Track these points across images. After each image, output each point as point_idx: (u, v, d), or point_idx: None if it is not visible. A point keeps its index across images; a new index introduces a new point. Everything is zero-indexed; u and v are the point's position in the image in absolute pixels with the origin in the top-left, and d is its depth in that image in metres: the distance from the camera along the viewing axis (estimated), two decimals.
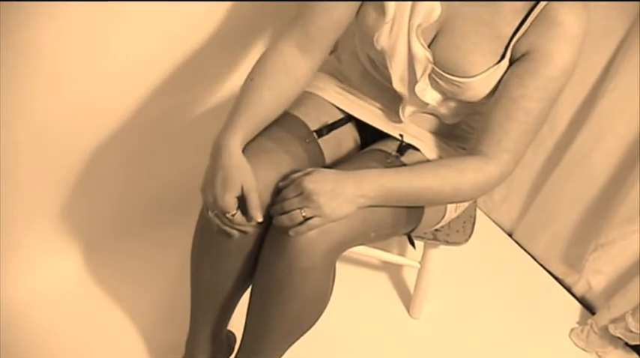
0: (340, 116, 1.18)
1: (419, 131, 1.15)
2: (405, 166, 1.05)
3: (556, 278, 1.69)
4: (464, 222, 1.29)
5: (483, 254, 1.68)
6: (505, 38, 0.98)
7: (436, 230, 1.25)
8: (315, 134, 1.13)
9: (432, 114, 1.13)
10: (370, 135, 1.18)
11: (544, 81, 0.95)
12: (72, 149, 1.32)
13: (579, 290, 1.64)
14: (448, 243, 1.26)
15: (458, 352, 1.47)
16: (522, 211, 1.75)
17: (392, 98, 1.11)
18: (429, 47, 1.02)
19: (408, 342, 1.48)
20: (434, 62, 1.02)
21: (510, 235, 1.80)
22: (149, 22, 1.20)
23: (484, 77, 1.00)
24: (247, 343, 1.10)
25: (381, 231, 1.04)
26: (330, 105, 1.17)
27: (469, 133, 1.17)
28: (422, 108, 1.10)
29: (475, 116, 1.14)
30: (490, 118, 1.00)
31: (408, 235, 1.19)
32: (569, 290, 1.66)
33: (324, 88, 1.18)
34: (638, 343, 1.44)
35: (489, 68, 0.99)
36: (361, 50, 1.13)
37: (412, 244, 1.22)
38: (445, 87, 1.04)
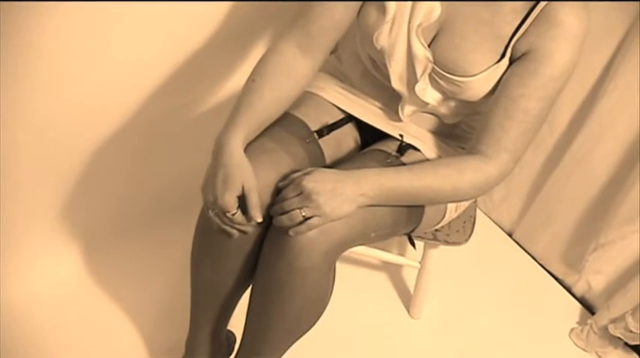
0: (341, 116, 1.18)
1: (419, 131, 1.15)
2: (405, 166, 1.05)
3: (556, 278, 1.69)
4: (464, 222, 1.29)
5: (483, 254, 1.68)
6: (505, 38, 0.98)
7: (436, 230, 1.25)
8: (315, 134, 1.13)
9: (432, 113, 1.13)
10: (370, 135, 1.18)
11: (544, 80, 0.96)
12: (72, 149, 1.32)
13: (579, 290, 1.64)
14: (448, 243, 1.26)
15: (458, 352, 1.47)
16: (522, 211, 1.75)
17: (392, 98, 1.11)
18: (429, 47, 1.02)
19: (408, 342, 1.48)
20: (434, 62, 1.02)
21: (510, 235, 1.80)
22: (149, 22, 1.20)
23: (484, 76, 1.00)
24: (247, 343, 1.10)
25: (381, 231, 1.04)
26: (331, 105, 1.17)
27: (469, 133, 1.17)
28: (422, 107, 1.10)
29: (475, 116, 1.14)
30: (490, 118, 1.00)
31: (409, 235, 1.19)
32: (569, 290, 1.66)
33: (325, 88, 1.18)
34: (638, 343, 1.44)
35: (489, 67, 1.00)
36: (362, 50, 1.13)
37: (412, 244, 1.22)
38: (445, 86, 1.04)
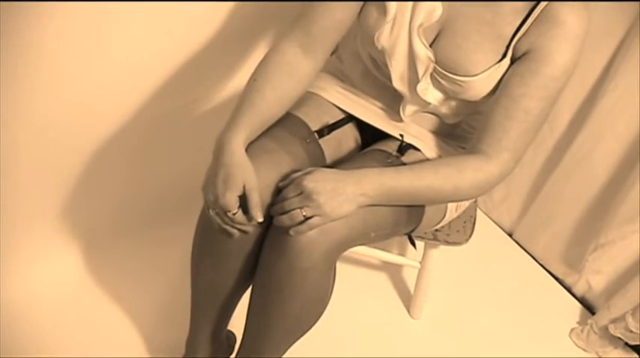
0: (341, 116, 1.18)
1: (419, 131, 1.15)
2: (406, 165, 1.05)
3: (556, 278, 1.69)
4: (464, 222, 1.29)
5: (483, 254, 1.68)
6: (506, 38, 0.98)
7: (436, 230, 1.25)
8: (316, 134, 1.13)
9: (433, 113, 1.13)
10: (371, 135, 1.18)
11: (545, 80, 0.96)
12: (72, 149, 1.32)
13: (579, 290, 1.64)
14: (448, 243, 1.26)
15: (458, 352, 1.47)
16: (522, 211, 1.75)
17: (393, 98, 1.11)
18: (431, 46, 1.02)
19: (408, 342, 1.47)
20: (435, 61, 1.02)
21: (510, 235, 1.80)
22: (150, 22, 1.20)
23: (485, 76, 1.00)
24: (247, 343, 1.10)
25: (382, 231, 1.04)
26: (331, 105, 1.17)
27: (469, 133, 1.17)
28: (423, 107, 1.10)
29: (476, 116, 1.14)
30: (490, 117, 1.00)
31: (409, 235, 1.19)
32: (569, 290, 1.66)
33: (326, 88, 1.18)
34: (638, 343, 1.44)
35: (490, 67, 1.00)
36: (363, 50, 1.13)
37: (413, 244, 1.22)
38: (447, 86, 1.04)
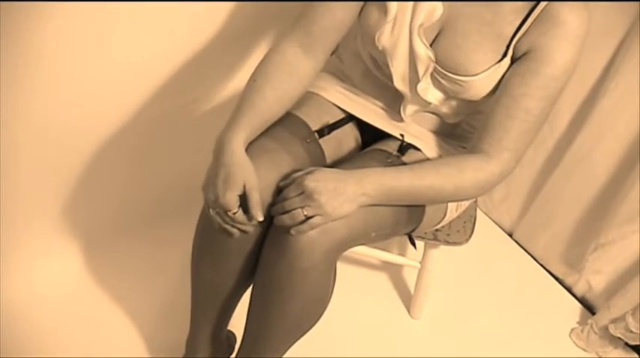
0: (341, 116, 1.18)
1: (420, 130, 1.15)
2: (406, 165, 1.05)
3: (556, 278, 1.69)
4: (464, 222, 1.29)
5: (483, 254, 1.68)
6: (506, 37, 0.98)
7: (437, 230, 1.25)
8: (316, 134, 1.13)
9: (434, 113, 1.13)
10: (371, 135, 1.18)
11: (545, 80, 0.96)
12: (72, 149, 1.32)
13: (579, 290, 1.64)
14: (449, 243, 1.26)
15: (458, 352, 1.47)
16: (522, 211, 1.75)
17: (394, 97, 1.11)
18: (431, 46, 1.02)
19: (408, 342, 1.47)
20: (436, 61, 1.02)
21: (510, 235, 1.80)
22: (150, 22, 1.20)
23: (486, 76, 1.00)
24: (248, 343, 1.10)
25: (382, 231, 1.04)
26: (332, 105, 1.17)
27: (470, 133, 1.17)
28: (424, 107, 1.10)
29: (476, 115, 1.14)
30: (491, 117, 1.00)
31: (409, 235, 1.19)
32: (569, 290, 1.66)
33: (326, 88, 1.18)
34: (638, 343, 1.44)
35: (491, 67, 1.00)
36: (363, 50, 1.13)
37: (413, 244, 1.22)
38: (447, 86, 1.04)
